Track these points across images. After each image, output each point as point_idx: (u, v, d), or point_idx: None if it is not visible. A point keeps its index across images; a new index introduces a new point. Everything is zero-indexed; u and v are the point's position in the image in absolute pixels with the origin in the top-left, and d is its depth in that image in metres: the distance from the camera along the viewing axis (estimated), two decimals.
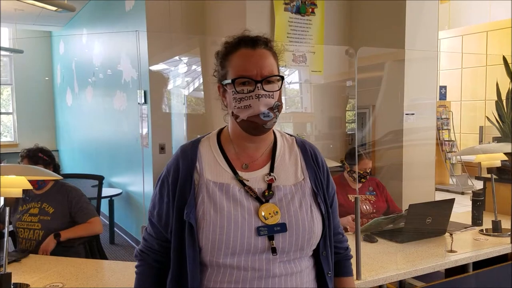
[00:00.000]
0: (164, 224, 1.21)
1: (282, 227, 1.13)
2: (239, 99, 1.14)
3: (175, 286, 1.17)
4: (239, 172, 1.19)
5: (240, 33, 1.20)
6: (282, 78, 1.19)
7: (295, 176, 1.22)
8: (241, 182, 1.17)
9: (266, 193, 1.16)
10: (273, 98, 1.15)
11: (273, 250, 1.12)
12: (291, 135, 1.32)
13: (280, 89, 1.18)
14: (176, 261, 1.17)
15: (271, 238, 1.12)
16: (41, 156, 2.62)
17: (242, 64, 1.15)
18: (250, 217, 1.12)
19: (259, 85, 1.13)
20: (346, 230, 2.71)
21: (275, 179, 1.19)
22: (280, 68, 1.23)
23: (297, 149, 1.28)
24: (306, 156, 1.27)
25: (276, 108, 1.16)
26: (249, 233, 1.11)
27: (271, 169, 1.21)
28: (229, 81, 1.16)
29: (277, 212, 1.14)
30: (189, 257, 1.13)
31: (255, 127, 1.16)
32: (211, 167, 1.19)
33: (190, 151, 1.21)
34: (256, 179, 1.19)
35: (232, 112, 1.18)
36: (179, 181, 1.18)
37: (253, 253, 1.12)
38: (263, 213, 1.13)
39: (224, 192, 1.15)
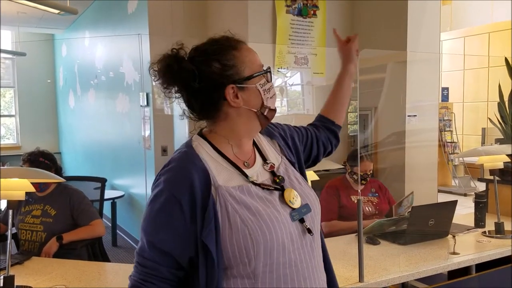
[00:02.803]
0: (180, 250, 1.06)
1: (307, 208, 1.15)
2: (268, 90, 1.15)
3: None
4: (245, 171, 1.15)
5: (222, 35, 1.15)
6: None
7: (276, 159, 1.23)
8: (253, 182, 1.13)
9: (277, 180, 1.16)
10: None
11: (309, 231, 1.12)
12: None
13: None
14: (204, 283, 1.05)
15: (301, 220, 1.12)
16: (42, 161, 2.62)
17: (256, 58, 1.16)
18: (281, 208, 1.11)
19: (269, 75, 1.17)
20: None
21: (273, 165, 1.19)
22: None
23: (260, 135, 1.27)
24: (268, 134, 1.28)
25: None
26: (286, 223, 1.09)
27: (263, 158, 1.20)
28: (260, 73, 1.14)
29: (296, 195, 1.14)
30: (213, 278, 1.04)
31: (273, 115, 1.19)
32: (221, 174, 1.10)
33: (197, 162, 1.08)
34: (259, 173, 1.17)
35: (262, 104, 1.13)
36: (197, 199, 1.04)
37: (295, 242, 1.10)
38: (289, 199, 1.13)
39: (247, 193, 1.10)
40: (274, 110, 1.17)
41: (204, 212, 1.04)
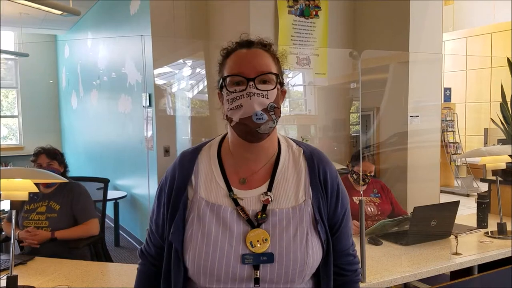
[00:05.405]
0: (160, 233, 1.19)
1: (269, 257, 1.05)
2: (231, 100, 1.07)
3: None
4: (235, 190, 1.11)
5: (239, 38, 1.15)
6: (277, 76, 1.10)
7: (295, 197, 1.12)
8: (235, 200, 1.10)
9: (259, 216, 1.08)
10: (267, 98, 1.06)
11: (256, 281, 1.05)
12: (300, 146, 1.20)
13: (275, 88, 1.08)
14: (166, 269, 1.15)
15: (256, 267, 1.05)
16: (58, 153, 2.75)
17: (236, 64, 1.09)
18: (238, 244, 1.06)
19: (251, 83, 1.05)
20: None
21: (271, 199, 1.10)
22: (285, 71, 1.17)
23: (303, 164, 1.16)
24: (312, 173, 1.14)
25: (272, 110, 1.07)
26: (234, 261, 1.05)
27: (269, 187, 1.12)
28: (221, 80, 1.10)
29: (266, 239, 1.06)
30: (174, 276, 1.12)
31: (248, 131, 1.06)
32: (206, 183, 1.13)
33: (188, 162, 1.15)
34: (251, 199, 1.11)
35: (227, 116, 1.10)
36: (173, 193, 1.14)
37: (238, 281, 1.06)
38: (250, 241, 1.06)
39: (215, 214, 1.09)
40: (241, 124, 1.06)
41: (174, 209, 1.13)
